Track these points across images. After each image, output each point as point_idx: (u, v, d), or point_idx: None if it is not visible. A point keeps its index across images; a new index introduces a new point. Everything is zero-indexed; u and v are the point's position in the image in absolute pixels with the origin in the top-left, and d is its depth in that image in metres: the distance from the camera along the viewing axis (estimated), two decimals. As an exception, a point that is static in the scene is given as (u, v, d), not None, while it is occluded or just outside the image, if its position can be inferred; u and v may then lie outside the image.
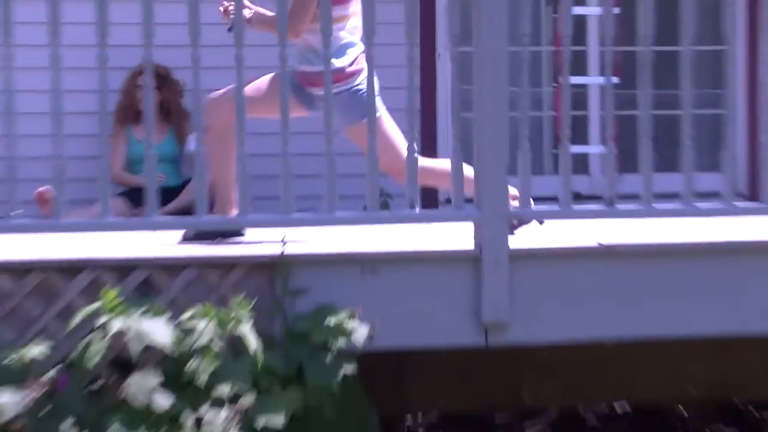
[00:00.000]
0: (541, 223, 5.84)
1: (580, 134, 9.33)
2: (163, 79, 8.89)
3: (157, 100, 8.76)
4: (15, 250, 5.28)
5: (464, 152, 5.36)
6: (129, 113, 8.90)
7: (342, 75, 6.11)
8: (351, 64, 6.21)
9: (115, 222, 5.38)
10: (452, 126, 5.45)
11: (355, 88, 6.21)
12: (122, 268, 5.14)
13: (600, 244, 5.47)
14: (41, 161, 5.77)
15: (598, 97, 9.41)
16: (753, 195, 9.53)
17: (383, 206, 8.56)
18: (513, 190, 5.55)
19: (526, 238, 5.63)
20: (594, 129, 9.48)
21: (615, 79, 5.66)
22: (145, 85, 5.25)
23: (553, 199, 7.46)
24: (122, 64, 8.01)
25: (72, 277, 5.10)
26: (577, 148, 8.38)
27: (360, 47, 6.20)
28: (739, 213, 5.62)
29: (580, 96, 9.41)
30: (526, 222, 5.80)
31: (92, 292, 5.02)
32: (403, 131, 5.96)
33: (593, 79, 9.23)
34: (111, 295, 4.86)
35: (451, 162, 5.36)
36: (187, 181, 8.72)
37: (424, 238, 5.69)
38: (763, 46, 5.63)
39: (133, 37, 5.59)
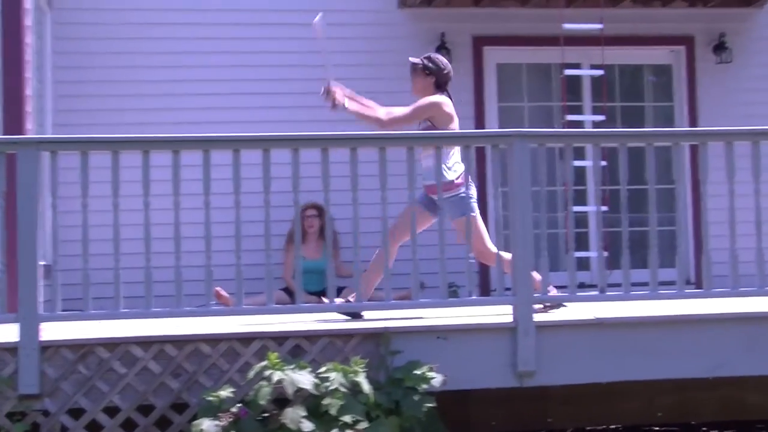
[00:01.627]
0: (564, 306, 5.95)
1: (583, 244, 9.40)
2: (322, 211, 8.68)
3: (318, 226, 8.91)
4: (211, 327, 5.45)
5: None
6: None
7: (452, 186, 6.08)
8: (458, 178, 6.14)
9: (276, 307, 5.51)
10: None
11: (461, 194, 6.13)
12: (280, 338, 5.28)
13: (596, 318, 5.54)
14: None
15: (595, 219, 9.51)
16: (698, 282, 9.47)
17: (453, 294, 8.68)
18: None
19: (550, 315, 5.71)
20: (592, 240, 9.53)
21: (604, 207, 5.81)
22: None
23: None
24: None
25: (248, 345, 5.25)
26: (580, 253, 8.48)
27: (462, 165, 6.12)
28: (688, 297, 5.68)
29: (583, 219, 9.49)
30: (557, 306, 5.91)
31: (261, 354, 5.15)
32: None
33: (590, 208, 9.31)
34: (273, 356, 4.99)
35: (496, 264, 5.49)
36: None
37: (479, 314, 5.78)
38: (704, 185, 5.67)
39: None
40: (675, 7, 9.77)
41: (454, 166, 6.19)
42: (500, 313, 5.62)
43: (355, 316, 5.88)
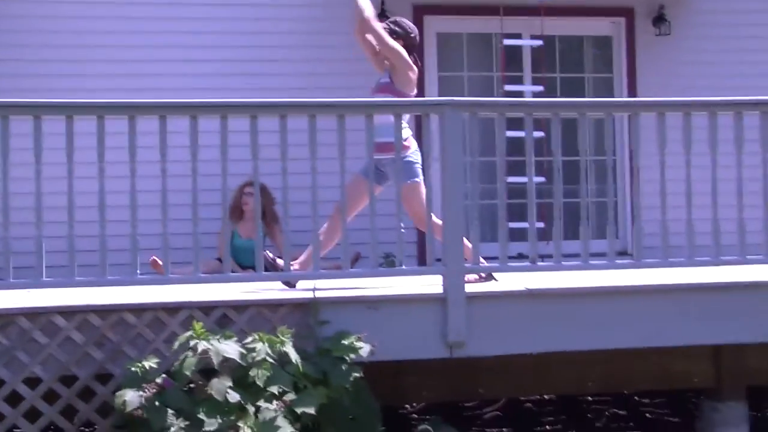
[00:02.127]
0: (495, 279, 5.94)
1: (521, 215, 9.35)
2: (263, 190, 8.56)
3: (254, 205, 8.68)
4: (137, 296, 5.35)
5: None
6: (235, 213, 8.66)
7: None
8: (406, 140, 6.07)
9: (203, 276, 5.42)
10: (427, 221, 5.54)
11: (407, 158, 6.11)
12: (207, 308, 5.20)
13: (526, 289, 5.52)
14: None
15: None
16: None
17: (390, 264, 8.62)
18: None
19: (481, 286, 5.68)
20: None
21: (540, 178, 5.75)
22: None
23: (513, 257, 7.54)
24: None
25: (174, 314, 5.17)
26: (515, 224, 8.42)
27: (407, 128, 6.12)
28: (618, 267, 5.67)
29: (521, 190, 9.47)
30: (490, 278, 5.90)
31: (188, 324, 5.06)
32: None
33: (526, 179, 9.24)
34: (198, 326, 4.91)
35: (426, 240, 5.45)
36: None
37: (412, 285, 5.75)
38: (636, 158, 5.67)
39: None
40: (615, -22, 9.76)
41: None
42: (431, 284, 5.58)
43: (290, 285, 5.81)
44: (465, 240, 5.47)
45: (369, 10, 6.31)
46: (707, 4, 9.92)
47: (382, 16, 9.17)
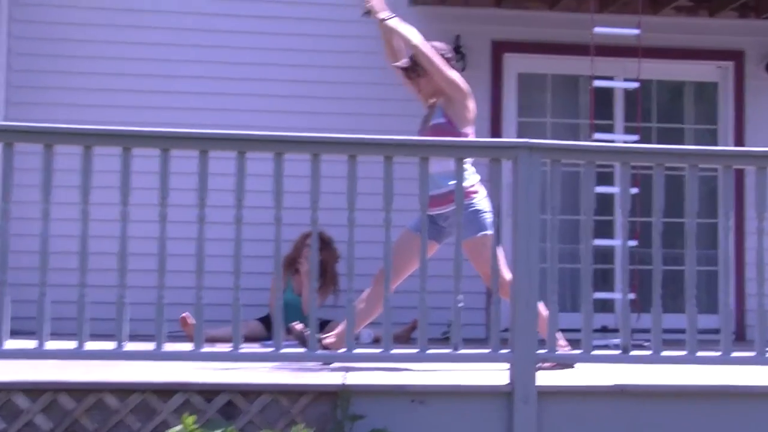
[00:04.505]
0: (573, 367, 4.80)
1: (608, 285, 8.20)
2: (326, 244, 7.58)
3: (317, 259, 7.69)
4: (123, 373, 4.29)
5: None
6: (294, 264, 7.75)
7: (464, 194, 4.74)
8: (471, 186, 5.15)
9: (202, 353, 4.32)
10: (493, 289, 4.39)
11: (474, 207, 5.14)
12: (209, 392, 4.12)
13: (616, 385, 4.33)
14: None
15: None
16: (740, 333, 8.26)
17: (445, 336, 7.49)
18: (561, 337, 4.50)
19: (555, 376, 4.51)
20: (618, 279, 8.30)
21: (633, 242, 4.58)
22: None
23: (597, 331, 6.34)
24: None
25: (167, 398, 4.09)
26: (603, 295, 7.26)
27: (475, 174, 5.20)
28: (733, 363, 4.43)
29: (608, 253, 8.30)
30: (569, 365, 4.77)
31: (184, 411, 4.02)
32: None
33: (616, 242, 8.06)
34: (189, 421, 3.85)
35: (491, 316, 4.30)
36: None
37: (466, 372, 4.61)
38: (749, 221, 4.45)
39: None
40: (724, 18, 8.57)
41: (467, 172, 5.11)
42: (497, 368, 4.43)
43: (326, 364, 4.80)
44: (540, 307, 4.34)
45: (415, 36, 5.26)
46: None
47: (457, 53, 8.13)
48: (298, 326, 5.13)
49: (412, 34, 5.25)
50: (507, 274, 4.74)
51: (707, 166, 4.62)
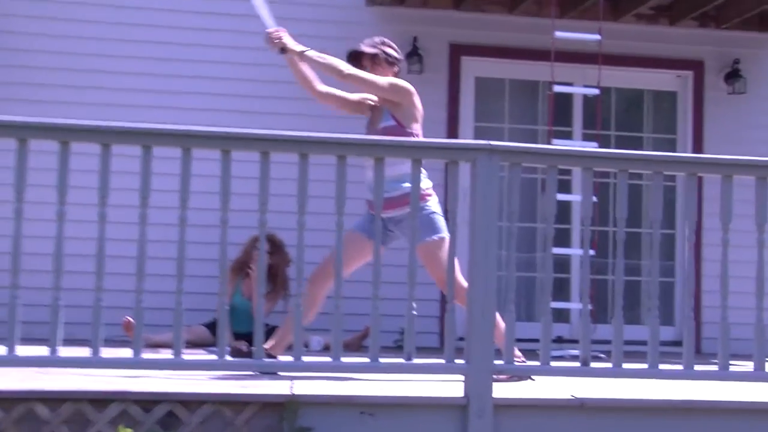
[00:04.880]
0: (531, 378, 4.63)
1: (564, 294, 8.07)
2: (277, 248, 7.37)
3: (265, 263, 7.43)
4: (57, 381, 4.04)
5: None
6: (243, 267, 7.46)
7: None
8: (425, 189, 4.96)
9: (142, 360, 4.09)
10: (449, 297, 4.20)
11: (428, 210, 4.95)
12: (148, 401, 3.88)
13: (574, 398, 4.16)
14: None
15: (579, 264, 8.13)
16: (696, 346, 8.09)
17: (398, 345, 7.30)
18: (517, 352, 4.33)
19: (512, 388, 4.32)
20: (575, 289, 8.16)
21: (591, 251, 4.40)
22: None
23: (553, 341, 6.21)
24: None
25: (103, 408, 3.84)
26: (560, 305, 7.11)
27: (427, 179, 4.96)
28: (697, 377, 4.27)
29: (565, 263, 8.17)
30: (525, 377, 4.59)
31: (120, 422, 3.79)
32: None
33: (575, 251, 7.92)
34: None
35: (446, 325, 4.10)
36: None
37: (420, 383, 4.41)
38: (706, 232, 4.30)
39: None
40: (684, 27, 8.47)
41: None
42: (452, 379, 4.24)
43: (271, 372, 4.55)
44: (498, 317, 4.16)
45: (344, 65, 5.05)
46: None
47: (414, 55, 7.99)
48: (243, 347, 4.90)
49: (337, 63, 5.03)
50: (463, 282, 4.56)
51: (671, 173, 4.46)
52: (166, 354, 4.09)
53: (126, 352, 4.00)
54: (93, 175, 4.06)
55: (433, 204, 5.02)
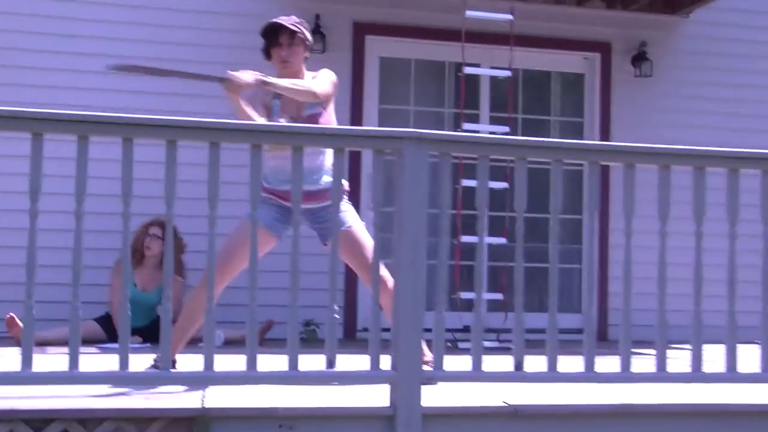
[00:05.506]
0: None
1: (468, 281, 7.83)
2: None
3: (158, 250, 6.99)
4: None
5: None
6: (135, 255, 6.93)
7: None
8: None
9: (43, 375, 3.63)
10: (373, 298, 3.85)
11: (346, 202, 4.67)
12: (38, 420, 3.44)
13: (506, 404, 3.86)
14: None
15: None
16: (601, 333, 7.94)
17: (311, 334, 6.95)
18: (427, 352, 4.00)
19: (439, 395, 3.99)
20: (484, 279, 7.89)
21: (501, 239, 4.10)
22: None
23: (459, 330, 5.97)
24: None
25: (-13, 428, 3.41)
26: (468, 295, 6.86)
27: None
28: (636, 380, 4.01)
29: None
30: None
31: (7, 443, 3.35)
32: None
33: (492, 239, 7.61)
34: (13, 458, 3.17)
35: (370, 327, 3.76)
36: (156, 319, 6.74)
37: (341, 388, 4.06)
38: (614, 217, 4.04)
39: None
40: (591, 8, 8.28)
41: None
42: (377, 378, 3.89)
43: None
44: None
45: (314, 86, 4.62)
46: (694, 44, 8.49)
47: (316, 33, 7.56)
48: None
49: (306, 85, 4.61)
50: (388, 277, 4.26)
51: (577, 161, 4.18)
52: (57, 352, 3.63)
53: (12, 354, 3.53)
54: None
55: (347, 197, 4.70)
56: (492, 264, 7.71)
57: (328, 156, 4.60)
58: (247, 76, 4.45)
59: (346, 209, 4.66)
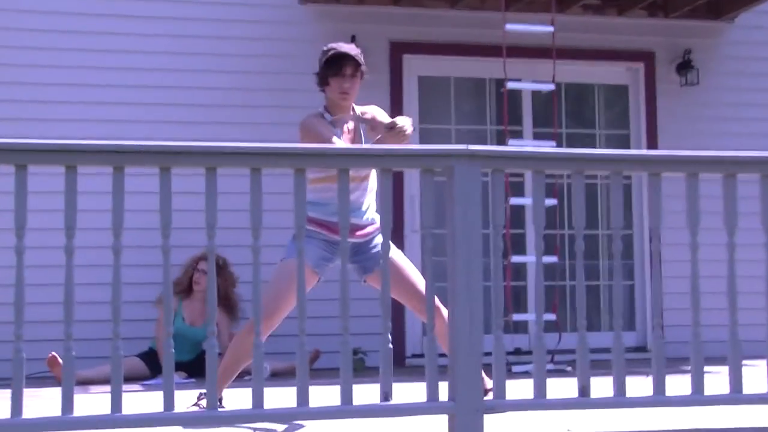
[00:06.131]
0: None
1: (523, 305, 7.59)
2: (220, 268, 6.58)
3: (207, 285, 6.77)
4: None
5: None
6: (183, 288, 6.89)
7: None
8: None
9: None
10: (428, 326, 3.64)
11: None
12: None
13: (571, 432, 3.64)
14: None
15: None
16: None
17: (359, 363, 6.74)
18: (486, 379, 3.77)
19: (499, 424, 3.77)
20: (531, 298, 7.63)
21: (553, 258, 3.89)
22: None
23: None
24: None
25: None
26: (519, 317, 6.66)
27: None
28: (705, 403, 3.77)
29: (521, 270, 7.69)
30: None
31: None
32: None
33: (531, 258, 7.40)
34: None
35: (426, 354, 3.55)
36: (201, 354, 6.60)
37: (396, 423, 3.85)
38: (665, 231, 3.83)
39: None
40: (632, 17, 8.06)
41: None
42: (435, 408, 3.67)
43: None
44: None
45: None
46: (740, 49, 8.24)
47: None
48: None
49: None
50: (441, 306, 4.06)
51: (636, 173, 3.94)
52: (99, 391, 3.44)
53: (52, 395, 3.35)
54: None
55: None
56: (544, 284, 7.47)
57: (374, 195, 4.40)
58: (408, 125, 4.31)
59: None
